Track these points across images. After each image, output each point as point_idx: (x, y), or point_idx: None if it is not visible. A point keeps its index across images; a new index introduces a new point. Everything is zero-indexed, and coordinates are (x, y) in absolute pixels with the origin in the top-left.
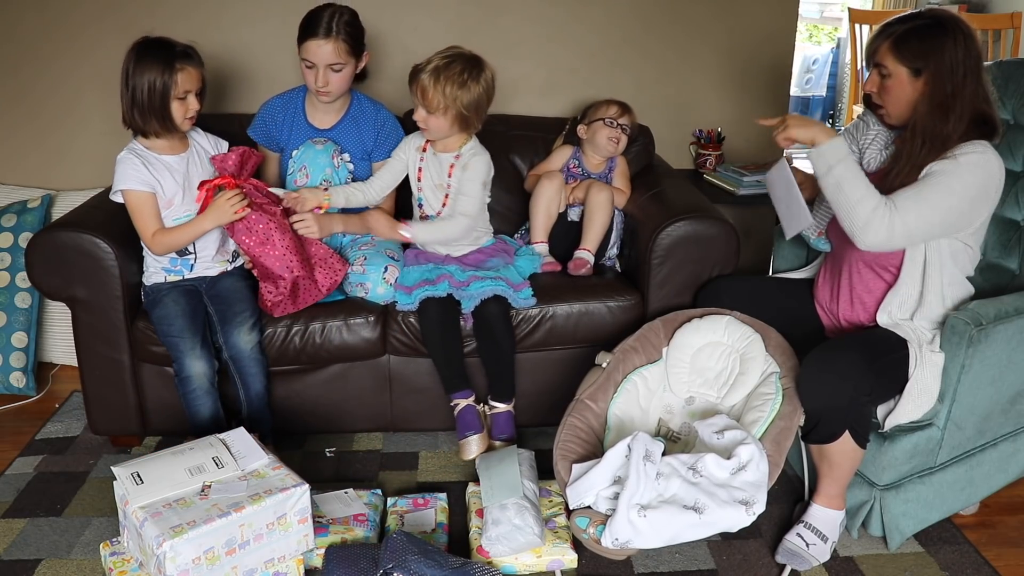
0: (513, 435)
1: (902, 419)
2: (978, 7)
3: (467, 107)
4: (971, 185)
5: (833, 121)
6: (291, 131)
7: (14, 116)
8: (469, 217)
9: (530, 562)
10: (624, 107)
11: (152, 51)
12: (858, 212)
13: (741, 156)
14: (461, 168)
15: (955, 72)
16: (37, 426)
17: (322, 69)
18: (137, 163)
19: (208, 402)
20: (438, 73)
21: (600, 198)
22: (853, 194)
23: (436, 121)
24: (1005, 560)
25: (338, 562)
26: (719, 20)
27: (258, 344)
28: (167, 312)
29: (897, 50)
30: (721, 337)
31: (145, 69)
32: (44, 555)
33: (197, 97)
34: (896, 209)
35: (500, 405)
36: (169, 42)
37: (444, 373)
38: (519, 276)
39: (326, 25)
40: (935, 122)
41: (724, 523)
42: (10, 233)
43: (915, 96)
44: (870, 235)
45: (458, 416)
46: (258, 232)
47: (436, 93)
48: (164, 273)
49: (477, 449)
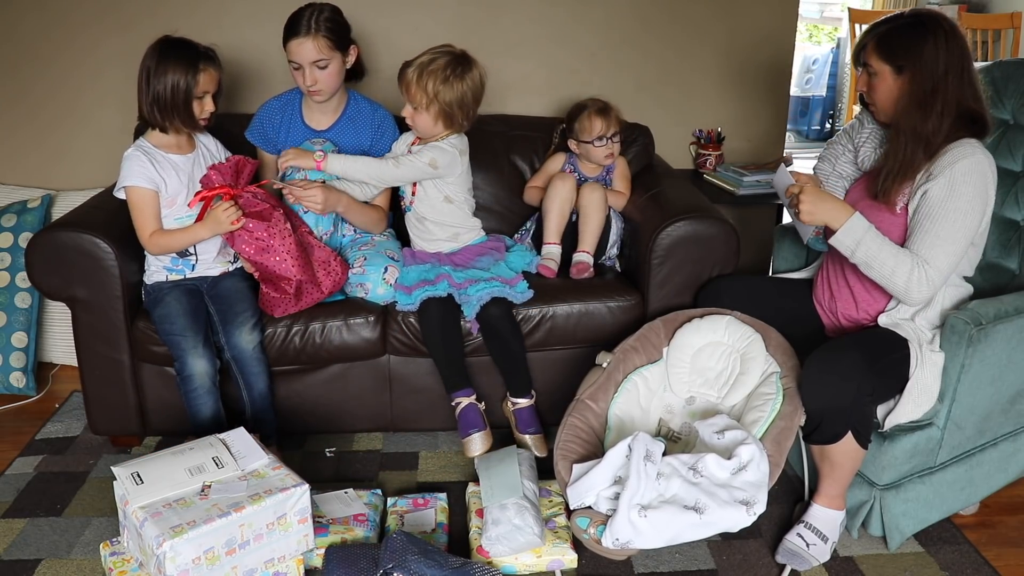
0: (539, 429)
1: (902, 419)
2: (978, 7)
3: (449, 104)
4: (973, 197)
5: (833, 121)
6: (288, 133)
7: (14, 116)
8: (392, 172)
9: (530, 562)
10: (605, 115)
11: (176, 51)
12: (895, 283)
13: (741, 156)
14: (429, 148)
15: (936, 70)
16: (37, 426)
17: (307, 68)
18: (144, 160)
19: (210, 401)
20: (422, 69)
21: (593, 198)
22: (883, 269)
23: (421, 117)
24: (1005, 560)
25: (338, 562)
26: (719, 20)
27: (260, 344)
28: (169, 311)
29: (880, 49)
30: (722, 337)
31: (168, 68)
32: (44, 555)
33: (213, 99)
34: (926, 263)
35: (521, 400)
36: (192, 43)
37: (445, 373)
38: (510, 271)
39: (305, 23)
40: (916, 119)
41: (724, 523)
42: (10, 233)
43: (898, 93)
44: (914, 297)
45: (460, 415)
46: (258, 241)
47: (419, 89)
48: (166, 272)
49: (481, 446)
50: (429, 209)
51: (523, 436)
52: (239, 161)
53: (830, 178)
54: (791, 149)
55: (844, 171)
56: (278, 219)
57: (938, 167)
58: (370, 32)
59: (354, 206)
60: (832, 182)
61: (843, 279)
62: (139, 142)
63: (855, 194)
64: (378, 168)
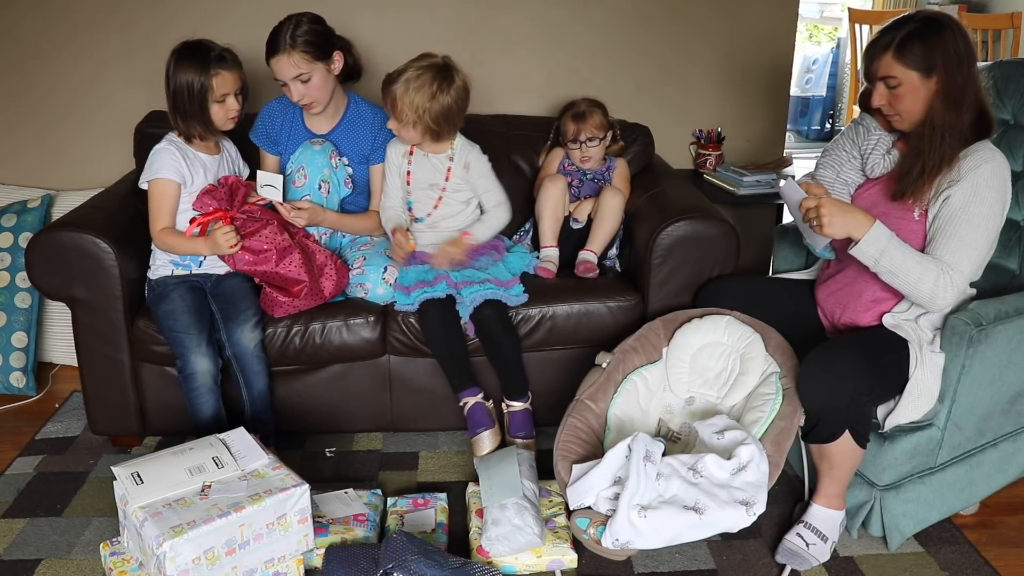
0: (532, 433)
1: (902, 419)
2: (978, 7)
3: (435, 119)
4: (996, 201)
5: (833, 121)
6: (290, 136)
7: (14, 116)
8: (504, 203)
9: (530, 562)
10: (580, 120)
11: (189, 56)
12: (921, 290)
13: (741, 156)
14: (463, 168)
15: (961, 63)
16: (37, 426)
17: (291, 83)
18: (176, 154)
19: (211, 400)
20: (407, 86)
21: (613, 203)
22: (909, 277)
23: (407, 131)
24: (1005, 560)
25: (338, 562)
26: (719, 20)
27: (261, 342)
28: (173, 308)
29: (902, 57)
30: (721, 337)
31: (181, 74)
32: (44, 555)
33: (237, 97)
34: (951, 268)
35: (516, 403)
36: (207, 46)
37: (450, 373)
38: (508, 273)
39: (282, 40)
40: (951, 115)
41: (724, 523)
42: (10, 233)
43: (929, 96)
44: (939, 303)
45: (468, 414)
46: (258, 258)
47: (405, 106)
48: (172, 266)
49: (490, 444)
50: (448, 217)
51: (514, 439)
52: (233, 183)
53: (835, 185)
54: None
55: (849, 178)
56: (275, 230)
57: (959, 172)
58: (370, 33)
59: (344, 221)
60: (837, 189)
61: (850, 288)
62: (169, 136)
63: (866, 200)
64: (499, 216)
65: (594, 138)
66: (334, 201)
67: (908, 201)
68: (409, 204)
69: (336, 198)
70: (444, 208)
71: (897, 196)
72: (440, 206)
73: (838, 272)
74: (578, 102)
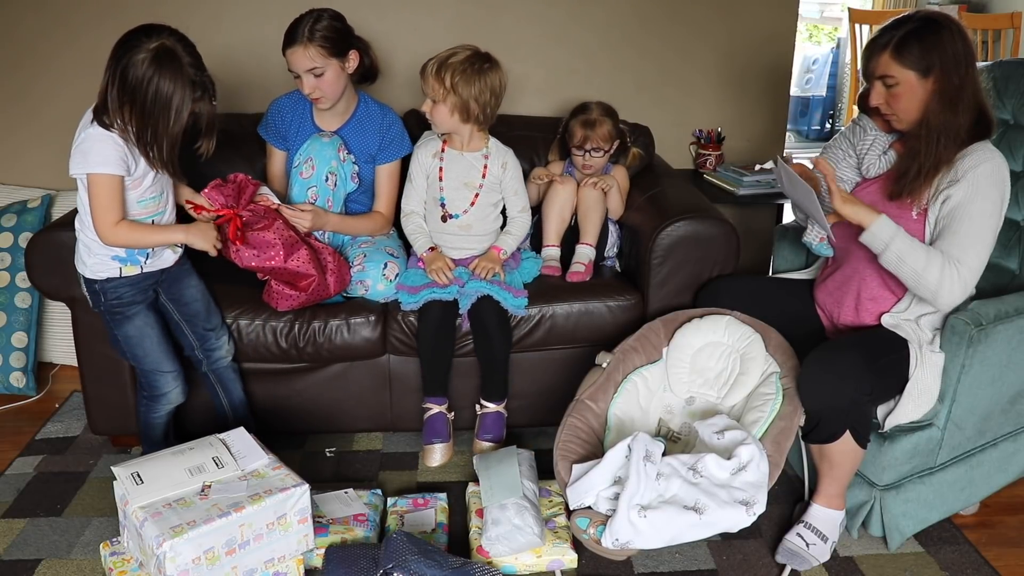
0: (501, 436)
1: (902, 419)
2: (978, 7)
3: (467, 97)
4: (997, 199)
5: (833, 121)
6: (298, 131)
7: (14, 116)
8: (527, 209)
9: (530, 562)
10: (588, 128)
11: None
12: (927, 280)
13: (741, 156)
14: (500, 167)
15: (959, 64)
16: (37, 426)
17: (304, 76)
18: (119, 141)
19: (167, 419)
20: (443, 61)
21: (592, 196)
22: (916, 264)
23: (438, 110)
24: (1005, 560)
25: (338, 562)
26: (719, 20)
27: (233, 352)
28: (140, 338)
29: (900, 56)
30: (721, 337)
31: (162, 82)
32: (44, 555)
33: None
34: (958, 262)
35: (490, 405)
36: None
37: (427, 375)
38: (520, 282)
39: (299, 32)
40: (948, 116)
41: (724, 523)
42: (10, 233)
43: (926, 96)
44: (945, 297)
45: (427, 420)
46: (263, 257)
47: (437, 80)
48: (118, 264)
49: (441, 458)
50: (479, 218)
51: (481, 442)
52: (242, 181)
53: None
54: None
55: (845, 176)
56: (282, 226)
57: (958, 172)
58: (369, 33)
59: (347, 223)
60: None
61: (849, 287)
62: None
63: (864, 199)
64: (523, 225)
65: (599, 149)
66: (340, 194)
67: (906, 201)
68: (442, 200)
69: (342, 191)
70: (478, 209)
71: (894, 196)
72: (476, 203)
73: (836, 270)
74: (591, 107)
